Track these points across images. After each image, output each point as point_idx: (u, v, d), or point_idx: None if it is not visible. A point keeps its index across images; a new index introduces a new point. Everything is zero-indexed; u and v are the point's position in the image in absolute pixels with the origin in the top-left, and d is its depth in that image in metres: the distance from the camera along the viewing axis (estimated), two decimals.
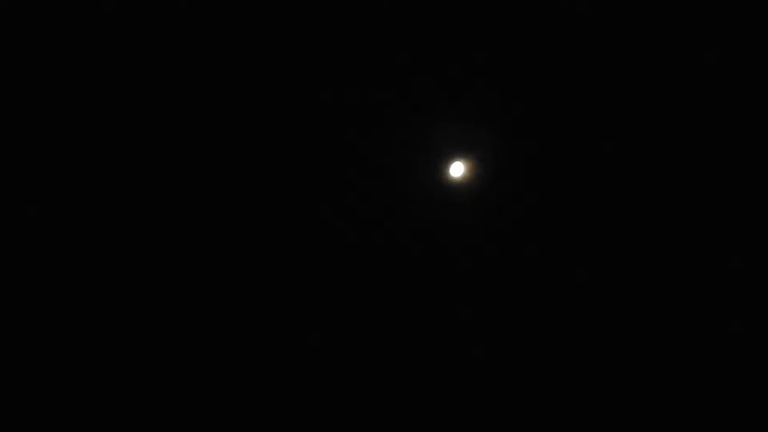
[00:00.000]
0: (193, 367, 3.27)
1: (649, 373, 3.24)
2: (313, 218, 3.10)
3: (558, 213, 3.13)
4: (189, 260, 3.09)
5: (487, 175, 3.04)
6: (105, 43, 2.63)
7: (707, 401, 3.18)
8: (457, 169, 3.03)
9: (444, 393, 3.43)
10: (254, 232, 3.11)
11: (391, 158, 3.01)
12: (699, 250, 3.05)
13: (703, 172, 2.93)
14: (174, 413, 3.30)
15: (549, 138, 2.98)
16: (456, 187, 3.08)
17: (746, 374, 3.10)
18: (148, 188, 2.95)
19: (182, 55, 2.71)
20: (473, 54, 2.81)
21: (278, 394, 3.36)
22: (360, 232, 3.16)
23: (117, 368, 3.19)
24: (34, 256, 2.96)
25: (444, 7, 2.69)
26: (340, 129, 2.95)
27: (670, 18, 2.65)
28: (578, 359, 3.33)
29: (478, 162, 3.00)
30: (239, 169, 2.98)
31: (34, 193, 2.86)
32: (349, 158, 3.01)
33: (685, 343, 3.17)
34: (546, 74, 2.83)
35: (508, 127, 2.97)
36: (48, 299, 3.04)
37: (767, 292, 3.02)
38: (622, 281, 3.19)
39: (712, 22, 2.66)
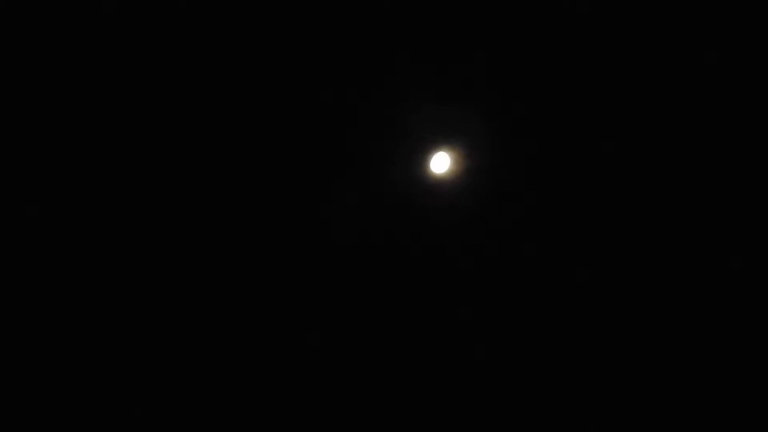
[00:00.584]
0: (190, 367, 3.27)
1: (649, 372, 3.24)
2: (295, 215, 3.08)
3: (552, 211, 3.11)
4: (181, 257, 3.08)
5: (478, 169, 3.01)
6: (105, 43, 2.63)
7: (707, 401, 3.18)
8: (447, 164, 2.99)
9: (435, 394, 3.44)
10: (241, 232, 3.10)
11: (379, 153, 2.99)
12: (699, 250, 3.05)
13: (703, 171, 2.93)
14: (174, 413, 3.30)
15: (544, 134, 2.96)
16: (445, 182, 3.05)
17: (746, 374, 3.10)
18: (146, 188, 2.94)
19: (171, 51, 2.68)
20: (473, 53, 2.79)
21: (273, 394, 3.36)
22: (348, 228, 3.14)
23: (116, 368, 3.19)
24: (34, 256, 2.96)
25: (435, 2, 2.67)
26: (329, 125, 2.92)
27: (670, 18, 2.65)
28: (576, 359, 3.33)
29: (468, 156, 2.97)
30: (221, 167, 2.96)
31: (34, 193, 2.85)
32: (340, 154, 2.99)
33: (685, 343, 3.17)
34: (540, 65, 2.80)
35: (501, 122, 2.94)
36: (48, 299, 3.04)
37: (767, 292, 3.02)
38: (622, 282, 3.18)
39: (712, 22, 2.66)
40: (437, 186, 3.06)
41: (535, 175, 3.03)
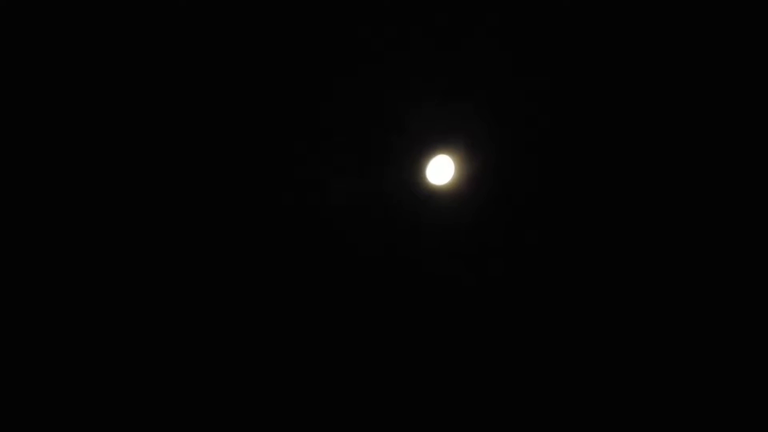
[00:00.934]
0: (179, 365, 3.27)
1: (650, 378, 3.24)
2: (289, 219, 3.07)
3: (553, 221, 3.09)
4: (170, 253, 3.07)
5: (477, 176, 2.97)
6: (104, 43, 2.62)
7: (708, 401, 3.18)
8: (446, 172, 2.94)
9: (423, 403, 3.44)
10: (222, 240, 3.07)
11: (372, 158, 2.95)
12: (699, 255, 3.04)
13: (703, 176, 2.92)
14: (170, 413, 3.31)
15: (554, 138, 2.93)
16: (443, 192, 3.01)
17: (746, 374, 3.10)
18: (141, 187, 2.93)
19: (164, 48, 2.65)
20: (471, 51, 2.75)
21: (258, 394, 3.36)
22: (341, 235, 3.12)
23: (114, 369, 3.20)
24: (34, 256, 2.96)
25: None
26: (325, 124, 2.89)
27: (669, 19, 2.63)
28: (579, 378, 3.33)
29: (469, 161, 2.92)
30: (206, 167, 2.92)
31: (34, 193, 2.85)
32: (332, 158, 2.96)
33: (689, 347, 3.17)
34: (551, 62, 2.75)
35: (500, 126, 2.89)
36: (47, 300, 3.04)
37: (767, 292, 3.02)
38: (630, 295, 3.17)
39: (711, 21, 2.64)
40: (434, 196, 3.02)
41: (546, 185, 2.99)
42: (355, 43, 2.68)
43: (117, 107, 2.74)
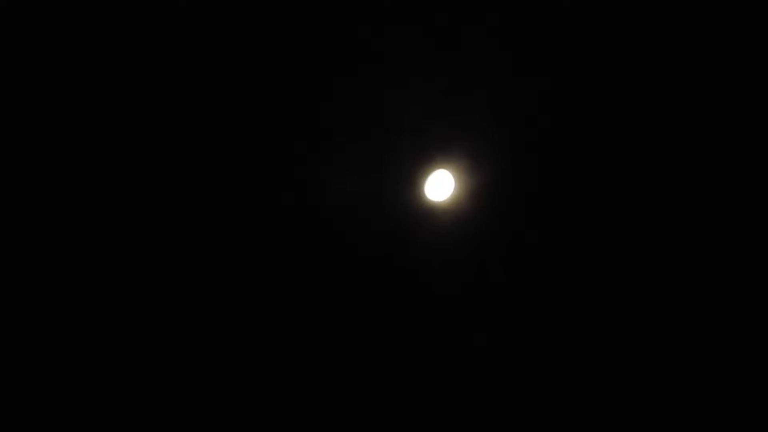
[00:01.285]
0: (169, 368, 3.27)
1: (653, 379, 3.24)
2: (285, 225, 3.06)
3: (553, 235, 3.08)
4: (169, 257, 3.07)
5: (477, 191, 2.96)
6: (104, 43, 2.62)
7: (708, 401, 3.17)
8: (444, 185, 2.93)
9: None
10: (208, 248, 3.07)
11: (373, 172, 2.95)
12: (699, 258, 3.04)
13: (703, 176, 2.91)
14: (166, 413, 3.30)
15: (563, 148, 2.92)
16: (443, 209, 2.99)
17: (746, 374, 3.10)
18: (141, 188, 2.93)
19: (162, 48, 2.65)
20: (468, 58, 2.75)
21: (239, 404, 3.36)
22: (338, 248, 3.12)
23: (114, 369, 3.19)
24: (34, 256, 2.95)
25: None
26: (324, 133, 2.89)
27: (669, 19, 2.63)
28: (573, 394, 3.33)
29: (468, 176, 2.92)
30: (195, 177, 2.92)
31: (34, 194, 2.85)
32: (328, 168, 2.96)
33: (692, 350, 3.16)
34: (559, 68, 2.76)
35: (500, 126, 2.88)
36: (46, 300, 3.03)
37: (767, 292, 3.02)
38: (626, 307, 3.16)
39: (711, 21, 2.64)
40: (433, 214, 3.00)
41: (546, 186, 2.98)
42: (355, 43, 2.68)
43: (117, 107, 2.73)
